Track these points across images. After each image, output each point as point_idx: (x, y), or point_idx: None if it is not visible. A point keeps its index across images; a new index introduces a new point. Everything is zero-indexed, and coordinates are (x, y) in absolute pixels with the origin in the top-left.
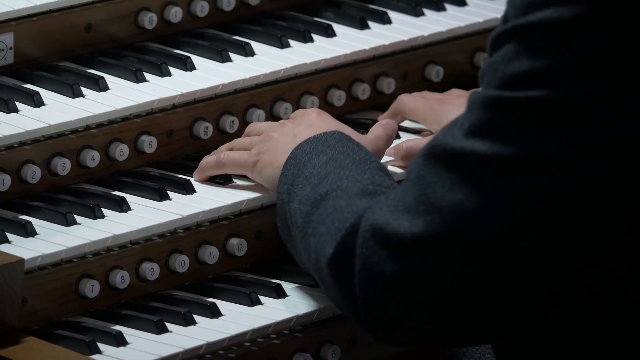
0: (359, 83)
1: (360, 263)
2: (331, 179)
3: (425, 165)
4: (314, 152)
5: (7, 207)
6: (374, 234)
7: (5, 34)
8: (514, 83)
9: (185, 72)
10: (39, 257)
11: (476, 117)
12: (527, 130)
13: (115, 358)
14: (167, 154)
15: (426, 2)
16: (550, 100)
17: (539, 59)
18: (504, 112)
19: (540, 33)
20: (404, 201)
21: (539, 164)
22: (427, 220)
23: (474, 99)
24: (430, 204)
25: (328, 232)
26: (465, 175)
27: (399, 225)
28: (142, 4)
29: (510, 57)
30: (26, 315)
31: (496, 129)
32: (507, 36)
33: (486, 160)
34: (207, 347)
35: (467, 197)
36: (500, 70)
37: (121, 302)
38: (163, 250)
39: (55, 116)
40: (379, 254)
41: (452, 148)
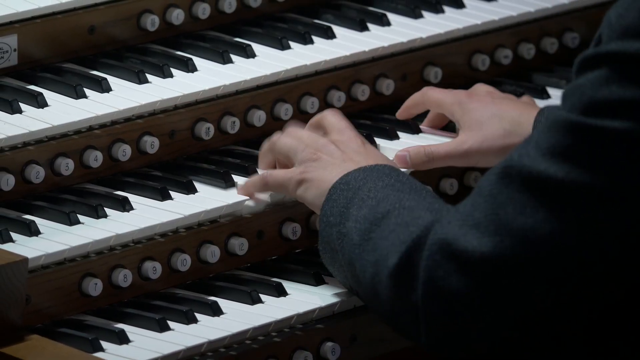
0: (359, 84)
1: (425, 275)
2: (391, 200)
3: (499, 184)
4: (368, 177)
5: (11, 206)
6: (441, 248)
7: (9, 35)
8: (600, 110)
9: (187, 74)
10: (43, 256)
11: (556, 139)
12: (609, 160)
13: (117, 356)
14: (169, 154)
15: (425, 4)
16: (635, 132)
17: (630, 89)
18: (586, 138)
19: (635, 64)
20: (474, 216)
21: (617, 195)
22: (497, 241)
23: (555, 120)
24: (501, 224)
25: (392, 246)
26: (540, 199)
27: (467, 241)
28: (145, 6)
29: (599, 83)
30: (30, 314)
31: (576, 155)
32: (600, 61)
33: (563, 186)
34: (208, 345)
35: (540, 223)
36: (587, 95)
37: (124, 301)
38: (165, 249)
39: (58, 117)
40: (446, 268)
41: (529, 170)
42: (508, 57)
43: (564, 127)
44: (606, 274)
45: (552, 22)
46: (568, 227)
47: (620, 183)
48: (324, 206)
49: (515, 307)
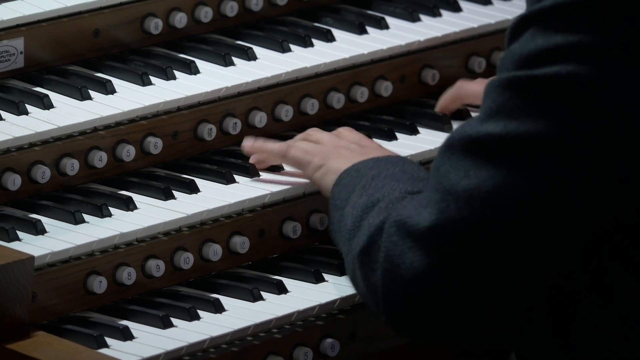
0: (358, 86)
1: (383, 256)
2: (386, 189)
3: (442, 156)
4: (376, 165)
5: (17, 206)
6: (398, 228)
7: (16, 39)
8: (529, 62)
9: (190, 76)
10: (49, 255)
11: (491, 100)
12: (542, 107)
13: (122, 352)
14: (172, 154)
15: (422, 8)
16: (564, 76)
17: (553, 37)
18: (519, 91)
19: (553, 14)
20: (426, 197)
21: (555, 141)
22: (443, 207)
23: (490, 85)
24: (446, 192)
25: (364, 232)
26: (482, 158)
27: (420, 217)
28: (148, 9)
29: (526, 41)
30: (36, 311)
31: (512, 109)
32: (523, 24)
33: (502, 140)
34: (210, 341)
35: (483, 181)
36: (517, 54)
37: (128, 298)
38: (168, 247)
39: (64, 118)
40: (401, 247)
41: (469, 135)
42: None
43: (498, 86)
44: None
45: None
46: (511, 178)
47: (557, 127)
48: (333, 189)
49: (470, 274)
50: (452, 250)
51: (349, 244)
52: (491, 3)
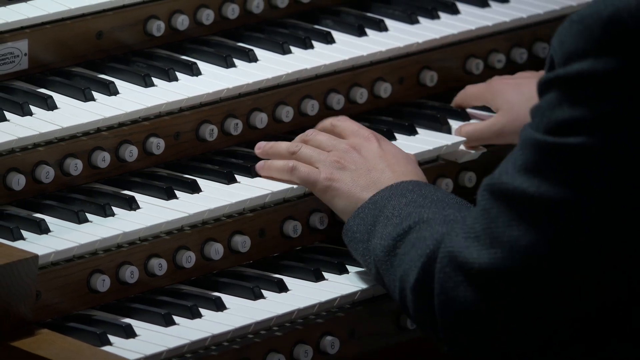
0: (357, 87)
1: (438, 287)
2: (413, 216)
3: (489, 199)
4: (393, 195)
5: (22, 205)
6: (450, 260)
7: (20, 40)
8: (557, 129)
9: (192, 77)
10: (52, 253)
11: (527, 157)
12: (569, 173)
13: (125, 349)
14: (175, 155)
15: (421, 10)
16: (588, 147)
17: (578, 108)
18: (549, 155)
19: (579, 84)
20: (475, 229)
21: (579, 205)
22: (492, 254)
23: (525, 138)
24: (494, 237)
25: (412, 261)
26: (520, 213)
27: (470, 253)
28: (151, 12)
29: (554, 105)
30: (40, 309)
31: (543, 170)
32: (551, 84)
33: (535, 200)
34: (212, 338)
35: (522, 234)
36: (546, 116)
37: (130, 296)
38: (170, 246)
39: (67, 119)
40: (455, 280)
41: (507, 187)
42: (501, 62)
43: (532, 145)
44: (583, 278)
45: (543, 28)
46: (543, 237)
47: (581, 193)
48: (350, 222)
49: (515, 312)
50: (499, 292)
51: (388, 275)
52: (488, 5)
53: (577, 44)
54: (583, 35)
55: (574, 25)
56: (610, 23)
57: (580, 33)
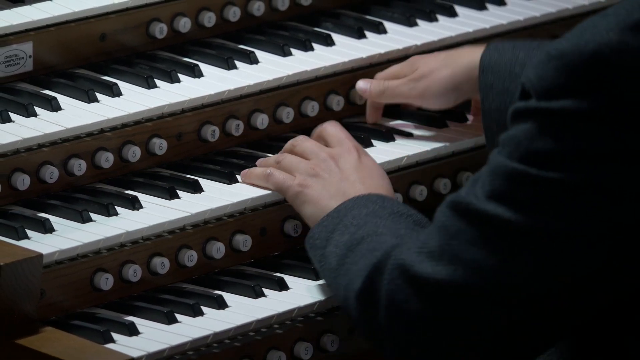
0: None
1: (386, 299)
2: (369, 227)
3: (450, 217)
4: (355, 205)
5: (26, 205)
6: (401, 273)
7: (25, 43)
8: (536, 161)
9: (194, 79)
10: (57, 252)
11: (498, 184)
12: (544, 205)
13: (128, 347)
14: (177, 155)
15: (419, 13)
16: (567, 182)
17: (561, 143)
18: (525, 186)
19: (561, 119)
20: (429, 245)
21: (551, 236)
22: (451, 270)
23: (497, 165)
24: (454, 255)
25: (358, 270)
26: (486, 235)
27: (423, 268)
28: (153, 14)
29: (532, 136)
30: (44, 307)
31: (518, 200)
32: (529, 114)
33: (506, 226)
34: (214, 336)
35: (487, 255)
36: (523, 146)
37: (133, 295)
38: (173, 245)
39: (71, 120)
40: (405, 292)
41: (476, 209)
42: None
43: (504, 173)
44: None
45: (540, 30)
46: (511, 261)
47: (553, 224)
48: (314, 229)
49: (469, 330)
50: (456, 309)
51: (335, 283)
52: (486, 8)
53: (558, 81)
54: (564, 72)
55: (554, 61)
56: (592, 60)
57: (561, 69)
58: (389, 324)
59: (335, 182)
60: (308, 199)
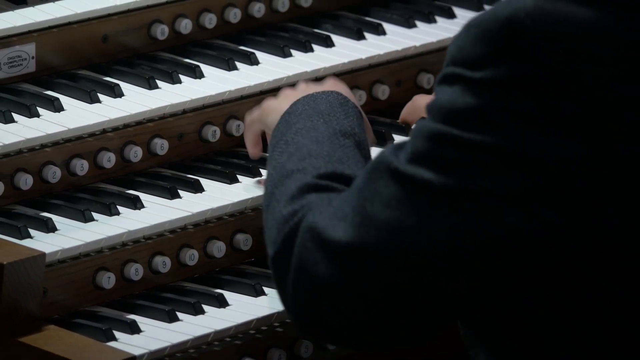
0: (356, 90)
1: (296, 262)
2: (302, 155)
3: (367, 179)
4: (304, 113)
5: (29, 204)
6: (312, 236)
7: (28, 44)
8: (458, 121)
9: (195, 80)
10: (59, 251)
11: (420, 145)
12: (464, 164)
13: (129, 345)
14: (178, 155)
15: (418, 14)
16: (487, 142)
17: (482, 104)
18: (445, 145)
19: (482, 85)
20: (343, 210)
21: (470, 196)
22: (363, 231)
23: (419, 128)
24: (368, 216)
25: (276, 224)
26: (404, 195)
27: (335, 232)
28: (155, 16)
29: (455, 97)
30: (47, 305)
31: (438, 160)
32: (452, 79)
33: (427, 186)
34: (215, 334)
35: (404, 216)
36: (445, 108)
37: (135, 293)
38: (174, 244)
39: (74, 120)
40: (315, 256)
41: (396, 168)
42: None
43: (427, 134)
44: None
45: None
46: (430, 222)
47: (472, 185)
48: (273, 131)
49: (379, 294)
50: (364, 270)
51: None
52: (484, 9)
53: (476, 49)
54: (482, 39)
55: (472, 28)
56: (508, 24)
57: (479, 36)
58: (295, 287)
59: (298, 92)
60: (270, 109)
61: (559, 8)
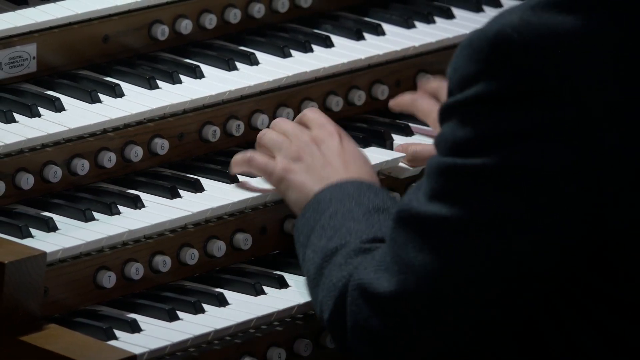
0: (355, 90)
1: (351, 321)
2: (342, 234)
3: (396, 228)
4: (333, 199)
5: (30, 204)
6: (360, 293)
7: (29, 44)
8: (459, 150)
9: (195, 80)
10: (60, 251)
11: (434, 181)
12: (473, 193)
13: (130, 344)
14: (178, 155)
15: (417, 15)
16: (488, 166)
17: (477, 129)
18: (453, 177)
19: (475, 106)
20: (385, 261)
21: (485, 224)
22: (402, 279)
23: (430, 165)
24: (404, 264)
25: (329, 291)
26: (430, 237)
27: (379, 284)
28: (155, 16)
29: (456, 128)
30: (48, 304)
31: (449, 194)
32: (450, 111)
33: (444, 223)
34: (215, 333)
35: (434, 258)
36: (449, 140)
37: (136, 292)
38: (174, 244)
39: (74, 120)
40: (366, 312)
41: (417, 212)
42: None
43: (437, 170)
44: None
45: None
46: (455, 258)
47: (485, 212)
48: (298, 222)
49: (429, 336)
50: (411, 316)
51: (314, 293)
52: (482, 10)
53: (469, 68)
54: (473, 58)
55: (464, 50)
56: (496, 41)
57: (470, 56)
58: (355, 346)
59: (319, 167)
60: (292, 184)
61: (545, 20)
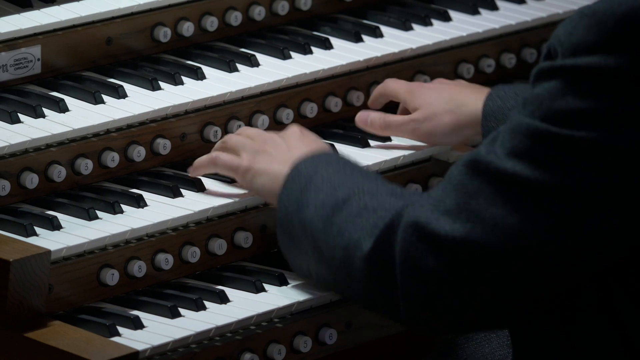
0: (354, 91)
1: (401, 256)
2: (348, 185)
3: (468, 175)
4: (318, 165)
5: (35, 203)
6: (416, 230)
7: (34, 46)
8: (559, 120)
9: (197, 81)
10: (64, 249)
11: (519, 141)
12: (568, 163)
13: (133, 340)
14: (180, 155)
15: (415, 17)
16: (592, 140)
17: (585, 101)
18: (547, 144)
19: (587, 77)
20: (445, 203)
21: (574, 195)
22: (469, 228)
23: (519, 124)
24: (473, 213)
25: (362, 229)
26: (507, 193)
27: (440, 225)
28: (158, 19)
29: (556, 94)
30: (52, 302)
31: (539, 158)
32: (554, 73)
33: (527, 184)
34: (216, 330)
35: (508, 214)
36: (545, 104)
37: (138, 289)
38: (176, 242)
39: (78, 121)
40: (421, 249)
41: (496, 167)
42: (491, 66)
43: (526, 131)
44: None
45: (531, 34)
46: (533, 219)
47: (578, 183)
48: (281, 196)
49: (485, 287)
50: (473, 266)
51: (326, 244)
52: (479, 13)
53: (587, 37)
54: (595, 29)
55: (585, 18)
56: (624, 19)
57: (592, 26)
58: (404, 282)
59: (283, 151)
60: (258, 171)
61: None
